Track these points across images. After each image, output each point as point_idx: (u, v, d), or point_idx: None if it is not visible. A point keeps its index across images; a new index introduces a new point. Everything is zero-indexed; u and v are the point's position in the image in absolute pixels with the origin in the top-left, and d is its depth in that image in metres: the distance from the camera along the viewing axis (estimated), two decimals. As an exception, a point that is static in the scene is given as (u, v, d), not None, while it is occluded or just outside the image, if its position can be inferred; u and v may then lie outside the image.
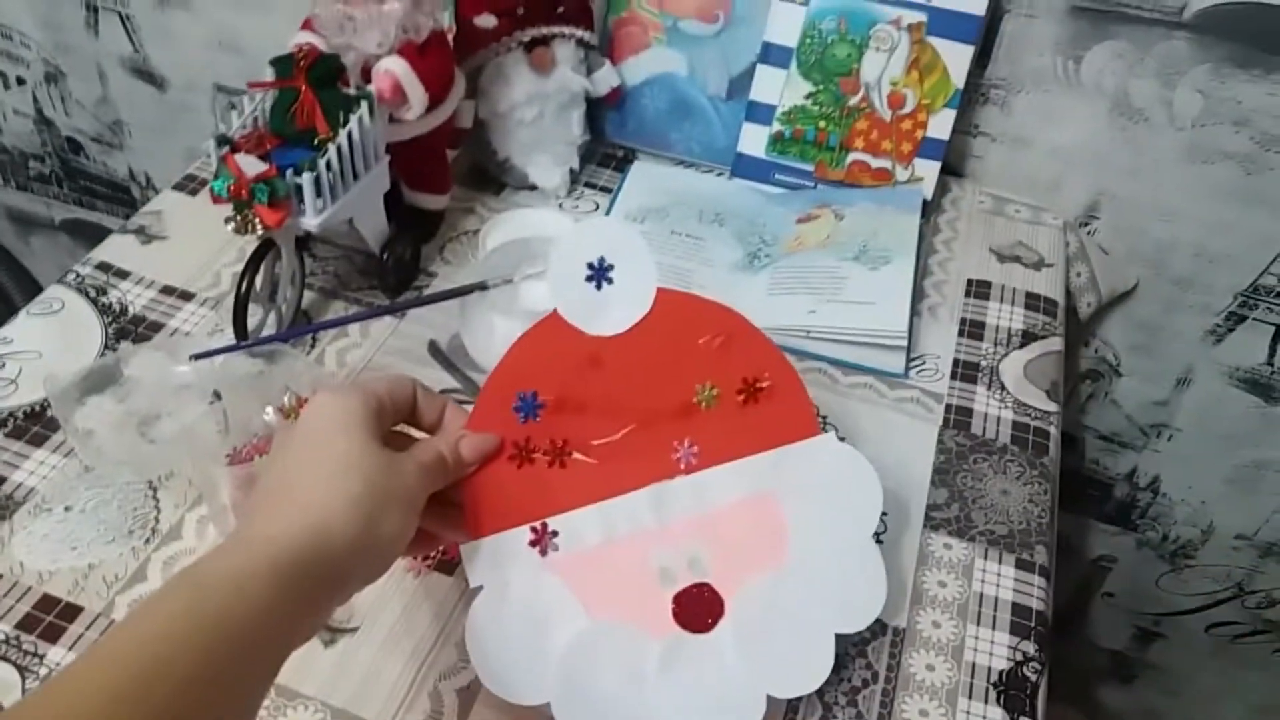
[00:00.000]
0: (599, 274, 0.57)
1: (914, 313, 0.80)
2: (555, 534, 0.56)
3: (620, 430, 0.57)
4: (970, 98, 0.90)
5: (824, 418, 0.73)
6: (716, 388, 0.58)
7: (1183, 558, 1.15)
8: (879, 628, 0.62)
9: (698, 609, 0.56)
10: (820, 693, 0.59)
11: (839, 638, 0.56)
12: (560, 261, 0.57)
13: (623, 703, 0.54)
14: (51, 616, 0.60)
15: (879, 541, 0.66)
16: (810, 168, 0.90)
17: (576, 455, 0.57)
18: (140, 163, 1.33)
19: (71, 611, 0.60)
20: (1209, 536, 1.12)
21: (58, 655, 0.58)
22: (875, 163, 0.89)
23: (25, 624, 0.59)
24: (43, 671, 0.57)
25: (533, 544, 0.56)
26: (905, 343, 0.76)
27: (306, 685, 0.57)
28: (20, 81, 1.30)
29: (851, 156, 0.89)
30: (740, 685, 0.55)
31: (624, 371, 0.57)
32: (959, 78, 0.86)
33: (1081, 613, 1.26)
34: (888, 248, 0.81)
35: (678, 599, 0.56)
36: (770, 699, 0.54)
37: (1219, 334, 0.97)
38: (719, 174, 0.94)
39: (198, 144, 1.23)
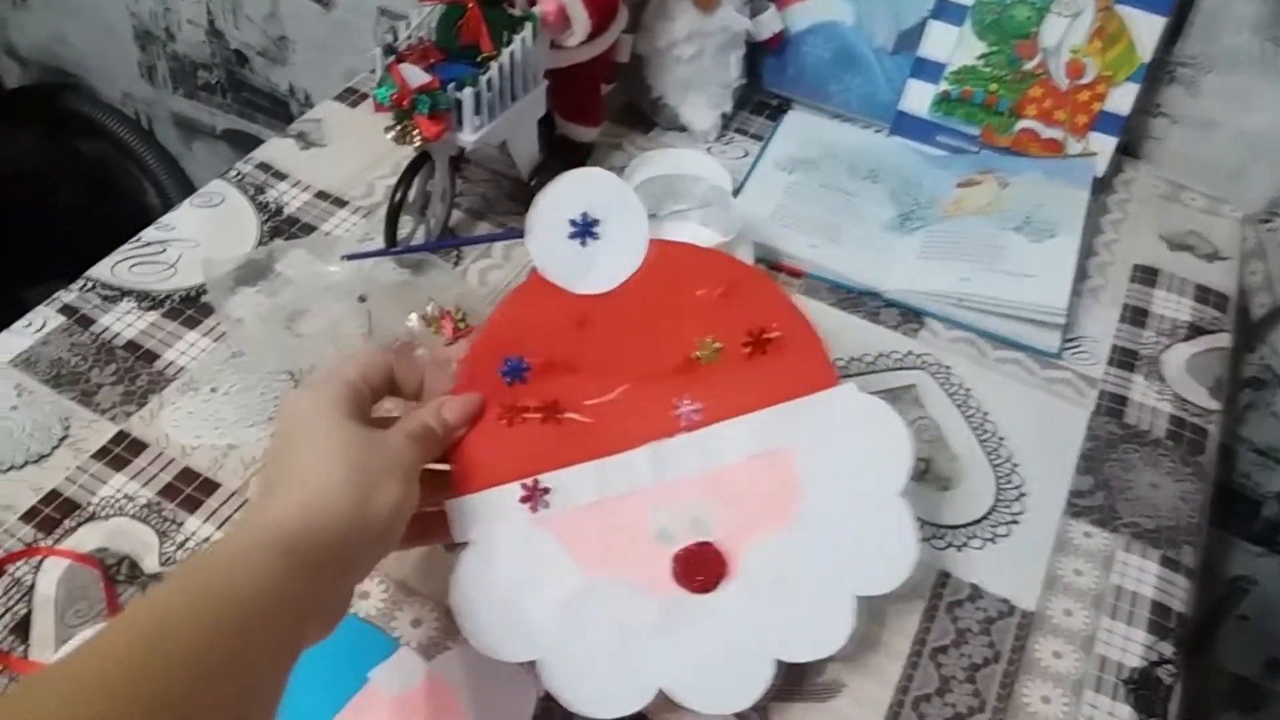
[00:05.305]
0: (583, 230, 0.55)
1: (1074, 292, 0.75)
2: (547, 490, 0.53)
3: (614, 390, 0.55)
4: (1155, 74, 0.85)
5: (968, 391, 0.70)
6: (718, 341, 0.55)
7: (1330, 585, 1.08)
8: (1005, 608, 0.59)
9: (698, 568, 0.53)
10: (938, 665, 0.57)
11: (867, 601, 0.53)
12: (540, 218, 0.54)
13: (615, 662, 0.52)
14: (190, 489, 0.62)
15: (1019, 521, 0.63)
16: (976, 131, 0.86)
17: (569, 414, 0.54)
18: (300, 79, 1.36)
19: (209, 486, 0.62)
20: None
21: (194, 525, 0.60)
22: (1046, 132, 0.84)
23: (167, 492, 0.62)
24: (179, 538, 0.60)
25: (524, 500, 0.53)
26: (1063, 320, 0.72)
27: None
28: (196, -9, 1.35)
29: (1021, 124, 0.85)
30: (746, 648, 0.52)
31: (616, 329, 0.55)
32: (1146, 51, 0.81)
33: (1211, 633, 1.19)
34: (1053, 221, 0.77)
35: (677, 558, 0.53)
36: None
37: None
38: (877, 130, 0.90)
39: (356, 64, 1.26)
